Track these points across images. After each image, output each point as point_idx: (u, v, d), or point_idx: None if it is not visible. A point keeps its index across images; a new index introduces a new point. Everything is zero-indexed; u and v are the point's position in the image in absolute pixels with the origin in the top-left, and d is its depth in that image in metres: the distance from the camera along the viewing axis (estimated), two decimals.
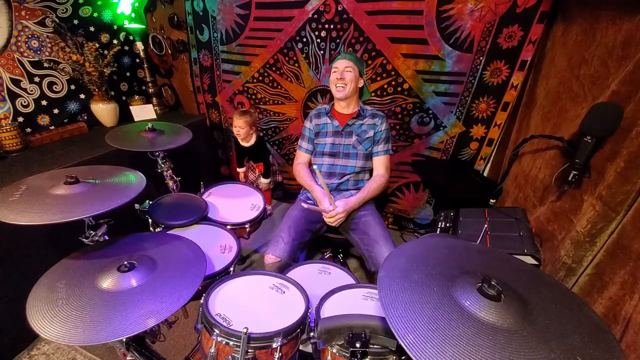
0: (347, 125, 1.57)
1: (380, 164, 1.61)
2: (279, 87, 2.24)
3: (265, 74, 2.23)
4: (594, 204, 1.08)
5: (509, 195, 1.70)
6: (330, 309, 0.99)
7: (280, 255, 1.39)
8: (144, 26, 2.33)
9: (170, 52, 2.44)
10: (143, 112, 2.28)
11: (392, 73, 1.90)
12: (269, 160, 2.31)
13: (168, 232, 1.31)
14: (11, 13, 1.75)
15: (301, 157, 1.71)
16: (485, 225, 1.32)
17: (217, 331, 0.85)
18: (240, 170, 2.41)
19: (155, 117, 2.34)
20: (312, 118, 1.65)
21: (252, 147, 2.24)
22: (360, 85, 1.54)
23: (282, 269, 1.39)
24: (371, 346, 0.81)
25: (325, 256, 1.90)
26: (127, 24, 2.24)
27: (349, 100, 1.55)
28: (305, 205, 1.41)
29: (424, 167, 2.13)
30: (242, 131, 2.12)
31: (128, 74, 2.46)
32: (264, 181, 2.32)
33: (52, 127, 2.01)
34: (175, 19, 2.28)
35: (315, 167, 1.44)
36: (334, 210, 1.44)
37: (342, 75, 1.48)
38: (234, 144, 2.32)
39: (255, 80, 2.29)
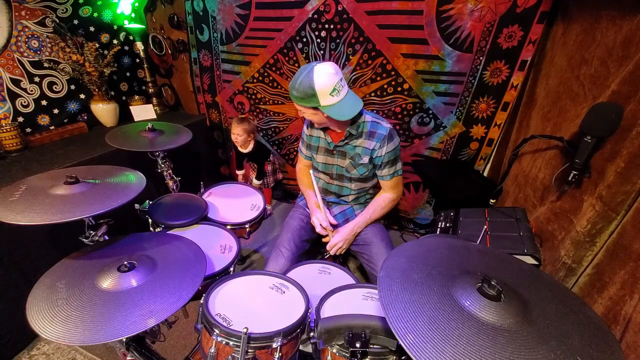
0: (338, 146, 1.41)
1: (386, 185, 1.45)
2: (279, 87, 2.24)
3: (265, 74, 2.23)
4: (594, 204, 1.08)
5: (509, 195, 1.70)
6: (330, 309, 0.99)
7: (280, 271, 1.38)
8: (144, 26, 2.33)
9: (170, 52, 2.44)
10: (143, 112, 2.28)
11: (392, 73, 1.90)
12: (264, 165, 2.35)
13: (168, 232, 1.31)
14: (11, 13, 1.75)
15: (301, 162, 1.66)
16: (485, 225, 1.32)
17: (217, 331, 0.85)
18: (240, 172, 2.44)
19: (155, 117, 2.34)
20: (308, 125, 1.51)
21: (250, 154, 2.29)
22: (325, 116, 1.26)
23: None
24: (371, 346, 0.81)
25: (325, 256, 1.90)
26: (127, 24, 2.24)
27: (329, 125, 1.35)
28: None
29: (424, 167, 2.13)
30: (240, 138, 2.17)
31: (128, 74, 2.46)
32: (255, 182, 2.37)
33: (52, 127, 2.01)
34: (175, 19, 2.28)
35: (311, 171, 1.42)
36: (329, 239, 1.41)
37: (302, 115, 1.32)
38: (234, 148, 2.36)
39: (255, 80, 2.29)
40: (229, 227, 1.41)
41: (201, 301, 0.94)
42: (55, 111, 2.02)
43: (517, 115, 1.80)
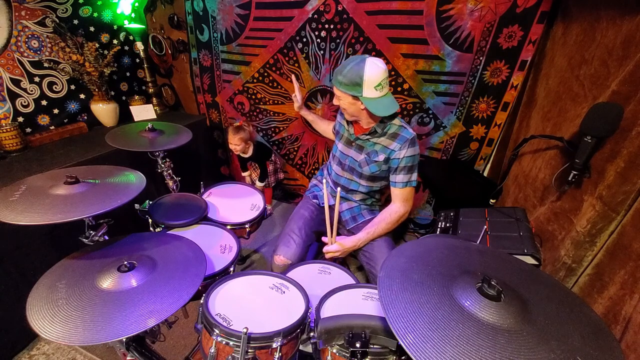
0: (358, 139, 1.41)
1: (396, 196, 1.40)
2: (279, 87, 2.24)
3: (265, 74, 2.23)
4: (594, 204, 1.08)
5: (509, 195, 1.70)
6: (330, 309, 0.99)
7: (291, 258, 1.38)
8: (144, 26, 2.33)
9: (170, 52, 2.44)
10: (143, 112, 2.28)
11: (392, 73, 1.90)
12: (266, 166, 2.35)
13: (168, 232, 1.31)
14: (11, 13, 1.75)
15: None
16: (485, 225, 1.32)
17: (217, 331, 0.85)
18: (245, 174, 2.46)
19: (155, 117, 2.34)
20: (340, 112, 1.50)
21: (252, 158, 2.31)
22: (362, 108, 1.27)
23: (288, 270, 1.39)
24: (371, 346, 0.81)
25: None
26: (127, 24, 2.24)
27: (359, 118, 1.37)
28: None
29: (424, 167, 2.12)
30: (238, 147, 2.18)
31: (128, 74, 2.46)
32: (258, 184, 2.38)
33: (52, 127, 2.01)
34: (175, 19, 2.28)
35: (325, 181, 1.42)
36: (328, 245, 1.38)
37: (338, 102, 1.34)
38: (239, 156, 2.40)
39: (255, 80, 2.29)
40: (229, 227, 1.41)
41: (201, 301, 0.94)
42: (55, 111, 2.02)
43: (517, 115, 1.80)
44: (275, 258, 1.41)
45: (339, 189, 1.39)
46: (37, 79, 1.90)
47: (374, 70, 1.21)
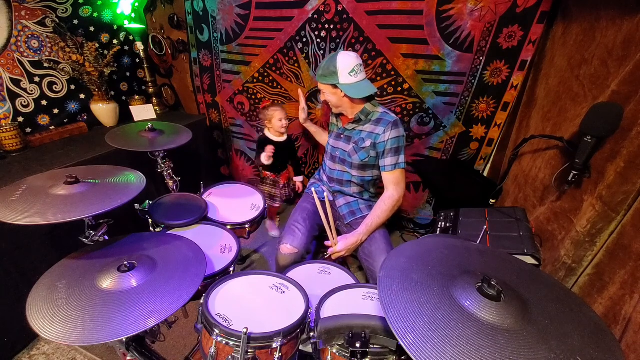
0: (346, 130, 1.50)
1: (388, 181, 1.43)
2: (279, 87, 2.24)
3: (265, 74, 2.23)
4: (594, 204, 1.08)
5: (509, 195, 1.70)
6: (330, 309, 0.99)
7: (297, 247, 1.39)
8: (144, 26, 2.33)
9: (170, 52, 2.44)
10: (143, 112, 2.28)
11: (392, 73, 1.90)
12: (297, 156, 2.24)
13: (168, 232, 1.30)
14: (11, 13, 1.75)
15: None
16: (485, 225, 1.32)
17: (217, 331, 0.85)
18: (266, 169, 2.10)
19: (155, 117, 2.34)
20: (331, 113, 1.63)
21: (287, 141, 2.06)
22: (342, 95, 1.38)
23: (296, 261, 1.39)
24: (371, 346, 0.81)
25: (325, 256, 1.90)
26: (127, 24, 2.24)
27: (343, 109, 1.47)
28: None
29: (424, 167, 2.13)
30: (287, 122, 1.97)
31: (128, 74, 2.46)
32: (298, 179, 2.19)
33: (52, 127, 2.01)
34: (175, 19, 2.28)
35: (313, 188, 1.44)
36: (333, 247, 1.39)
37: (323, 97, 1.46)
38: (263, 144, 1.99)
39: (255, 80, 2.29)
40: (229, 227, 1.41)
41: (201, 301, 0.94)
42: (55, 111, 2.02)
43: (517, 115, 1.80)
44: (281, 247, 1.41)
45: (325, 193, 1.40)
46: (37, 79, 1.90)
47: (345, 58, 1.34)
